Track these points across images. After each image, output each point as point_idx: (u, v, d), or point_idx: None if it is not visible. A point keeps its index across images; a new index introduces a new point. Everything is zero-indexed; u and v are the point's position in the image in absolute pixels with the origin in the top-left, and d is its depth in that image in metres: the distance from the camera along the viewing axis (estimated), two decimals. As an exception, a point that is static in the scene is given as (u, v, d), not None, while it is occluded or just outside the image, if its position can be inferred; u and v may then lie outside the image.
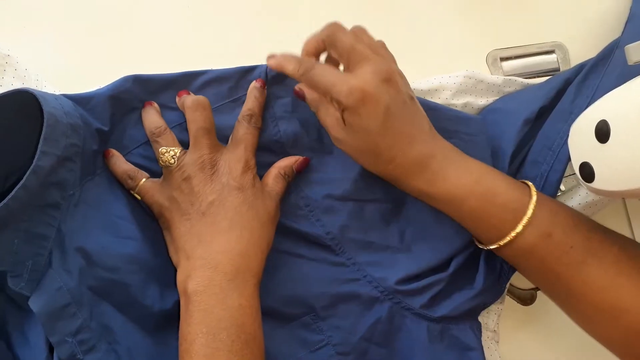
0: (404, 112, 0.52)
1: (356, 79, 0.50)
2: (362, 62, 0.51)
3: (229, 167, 0.54)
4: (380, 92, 0.50)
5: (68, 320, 0.50)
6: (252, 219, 0.53)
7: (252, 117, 0.56)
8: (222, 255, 0.51)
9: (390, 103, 0.50)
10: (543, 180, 0.57)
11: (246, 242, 0.52)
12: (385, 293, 0.57)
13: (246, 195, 0.54)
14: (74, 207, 0.52)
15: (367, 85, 0.50)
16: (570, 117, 0.58)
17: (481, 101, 0.62)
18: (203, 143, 0.55)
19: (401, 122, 0.51)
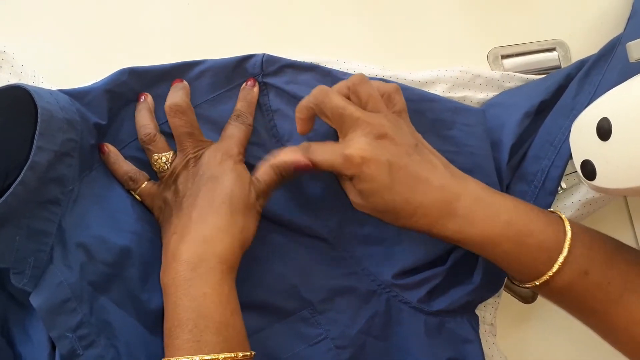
0: (410, 162, 0.51)
1: (349, 148, 0.50)
2: (352, 127, 0.51)
3: (208, 159, 0.54)
4: (376, 152, 0.50)
5: (68, 316, 0.50)
6: (221, 205, 0.52)
7: (239, 116, 0.57)
8: (185, 245, 0.51)
9: (391, 158, 0.50)
10: (544, 175, 0.57)
11: (210, 228, 0.51)
12: (382, 286, 0.57)
13: (220, 183, 0.53)
14: (74, 202, 0.52)
15: (361, 151, 0.50)
16: (572, 113, 0.58)
17: (480, 95, 0.62)
18: (186, 144, 0.55)
19: (409, 173, 0.50)
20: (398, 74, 0.60)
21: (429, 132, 0.57)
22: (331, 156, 0.51)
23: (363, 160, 0.49)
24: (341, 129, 0.52)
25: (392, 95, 0.54)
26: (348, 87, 0.53)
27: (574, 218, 0.61)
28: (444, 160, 0.53)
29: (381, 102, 0.53)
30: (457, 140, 0.57)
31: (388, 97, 0.54)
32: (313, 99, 0.53)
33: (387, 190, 0.50)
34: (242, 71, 0.58)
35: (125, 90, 0.56)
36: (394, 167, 0.50)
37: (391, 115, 0.52)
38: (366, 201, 0.51)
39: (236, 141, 0.56)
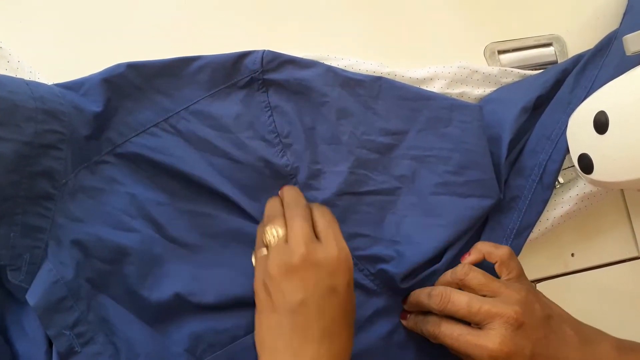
0: (548, 345, 0.51)
1: (492, 342, 0.49)
2: (488, 320, 0.50)
3: (326, 263, 0.49)
4: (519, 345, 0.49)
5: (65, 313, 0.50)
6: (344, 328, 0.50)
7: (316, 206, 0.54)
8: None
9: (533, 349, 0.50)
10: (541, 169, 0.58)
11: (334, 355, 0.49)
12: (381, 286, 0.57)
13: (340, 299, 0.49)
14: (69, 196, 0.52)
15: (504, 346, 0.49)
16: (569, 107, 0.58)
17: (478, 91, 0.62)
18: (299, 234, 0.50)
19: (549, 354, 0.51)
20: (396, 71, 0.60)
21: (426, 129, 0.58)
22: (469, 347, 0.50)
23: (508, 357, 0.49)
24: (476, 322, 0.52)
25: (506, 262, 0.55)
26: (458, 281, 0.54)
27: (572, 212, 0.61)
28: (574, 322, 0.53)
29: (495, 284, 0.53)
30: (453, 137, 0.57)
31: (501, 264, 0.55)
32: (435, 306, 0.53)
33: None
34: (242, 67, 0.58)
35: (124, 83, 0.55)
36: (536, 354, 0.50)
37: (516, 293, 0.52)
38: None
39: (340, 238, 0.52)
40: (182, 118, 0.56)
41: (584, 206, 0.61)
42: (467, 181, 0.57)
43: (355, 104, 0.58)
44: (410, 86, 0.59)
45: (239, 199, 0.56)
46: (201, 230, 0.56)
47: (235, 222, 0.56)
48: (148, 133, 0.56)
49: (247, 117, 0.57)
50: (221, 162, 0.56)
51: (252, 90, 0.58)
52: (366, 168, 0.57)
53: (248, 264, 0.54)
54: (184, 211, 0.56)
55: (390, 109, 0.58)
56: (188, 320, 0.54)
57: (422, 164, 0.58)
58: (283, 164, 0.57)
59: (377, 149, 0.58)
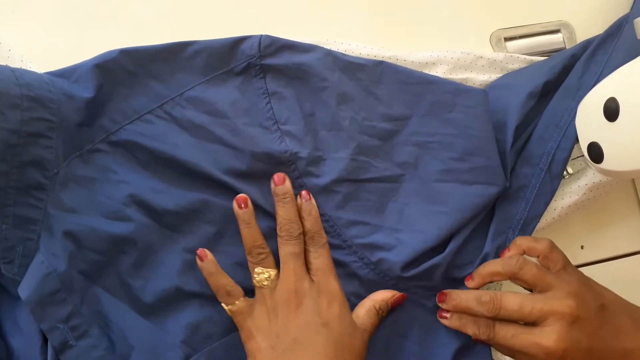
0: (605, 336, 0.51)
1: (548, 339, 0.49)
2: (544, 317, 0.50)
3: (314, 300, 0.52)
4: (576, 340, 0.50)
5: (58, 307, 0.49)
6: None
7: (313, 238, 0.55)
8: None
9: (590, 343, 0.50)
10: (550, 158, 0.56)
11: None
12: (382, 275, 0.56)
13: (332, 333, 0.51)
14: (61, 186, 0.51)
15: (561, 342, 0.49)
16: (578, 94, 0.57)
17: (483, 77, 0.60)
18: (290, 270, 0.53)
19: (607, 350, 0.50)
20: (398, 55, 0.59)
21: (429, 115, 0.56)
22: (526, 345, 0.50)
23: (565, 353, 0.49)
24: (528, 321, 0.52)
25: (549, 255, 0.54)
26: (511, 274, 0.53)
27: (580, 203, 0.59)
28: (629, 307, 0.53)
29: (549, 277, 0.52)
30: (457, 122, 0.56)
31: (544, 258, 0.54)
32: (486, 313, 0.52)
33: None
34: (239, 52, 0.56)
35: (117, 68, 0.54)
36: (594, 352, 0.50)
37: (567, 286, 0.52)
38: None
39: (330, 272, 0.54)
40: (177, 104, 0.55)
41: (594, 196, 0.59)
42: (472, 168, 0.55)
43: (356, 89, 0.57)
44: (412, 70, 0.58)
45: (236, 185, 0.55)
46: (198, 217, 0.55)
47: (232, 209, 0.55)
48: (142, 120, 0.55)
49: (243, 104, 0.56)
50: (217, 149, 0.55)
51: (249, 76, 0.57)
52: (367, 154, 0.56)
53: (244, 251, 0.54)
54: (179, 198, 0.55)
55: (392, 94, 0.57)
56: (184, 310, 0.54)
57: (425, 150, 0.56)
58: (281, 151, 0.55)
59: (379, 135, 0.57)
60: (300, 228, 0.54)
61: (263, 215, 0.55)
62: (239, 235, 0.55)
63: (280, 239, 0.54)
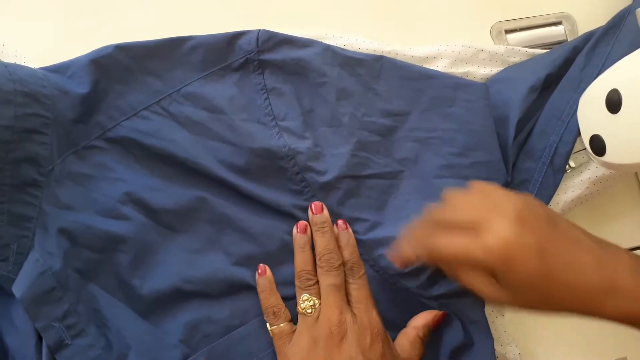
0: (558, 239, 0.44)
1: (489, 236, 0.43)
2: (486, 217, 0.44)
3: (357, 336, 0.51)
4: (521, 237, 0.43)
5: (54, 305, 0.49)
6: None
7: (352, 269, 0.54)
8: None
9: (539, 243, 0.43)
10: (552, 151, 0.56)
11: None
12: (381, 272, 0.55)
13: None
14: (56, 183, 0.51)
15: (504, 239, 0.43)
16: (580, 86, 0.56)
17: (483, 71, 0.60)
18: (333, 302, 0.52)
19: (562, 254, 0.44)
20: (397, 49, 0.58)
21: (429, 110, 0.56)
22: (467, 249, 0.44)
23: (510, 253, 0.43)
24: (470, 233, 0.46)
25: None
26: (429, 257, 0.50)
27: (583, 197, 0.58)
28: (585, 231, 0.47)
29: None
30: (458, 117, 0.56)
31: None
32: (422, 251, 0.49)
33: (541, 279, 0.43)
34: (236, 48, 0.56)
35: (113, 64, 0.54)
36: (543, 251, 0.43)
37: (512, 194, 0.47)
38: (512, 294, 0.45)
39: (371, 304, 0.53)
40: (174, 100, 0.55)
41: (596, 190, 0.58)
42: (473, 163, 0.55)
43: (356, 84, 0.56)
44: (412, 65, 0.57)
45: (234, 181, 0.54)
46: (196, 216, 0.54)
47: (231, 206, 0.55)
48: (139, 116, 0.54)
49: (241, 100, 0.56)
50: (215, 145, 0.55)
51: (247, 72, 0.56)
52: (368, 150, 0.56)
53: (245, 249, 0.54)
54: (178, 196, 0.54)
55: (392, 89, 0.56)
56: (182, 310, 0.53)
57: (426, 146, 0.56)
58: (280, 145, 0.55)
59: (379, 131, 0.56)
60: (340, 259, 0.53)
61: (263, 211, 0.55)
62: (238, 234, 0.54)
63: (320, 269, 0.53)
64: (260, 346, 0.53)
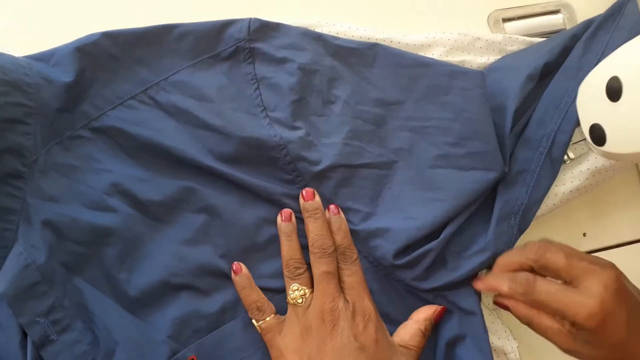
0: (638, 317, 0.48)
1: (592, 299, 0.47)
2: (586, 276, 0.48)
3: (349, 322, 0.51)
4: (618, 308, 0.47)
5: (38, 300, 0.48)
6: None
7: (344, 253, 0.53)
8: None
9: (629, 313, 0.47)
10: (550, 141, 0.54)
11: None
12: (375, 264, 0.55)
13: (368, 357, 0.50)
14: (40, 174, 0.50)
15: (605, 304, 0.46)
16: (579, 75, 0.55)
17: (480, 59, 0.58)
18: (325, 289, 0.51)
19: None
20: (392, 37, 0.57)
21: (424, 98, 0.55)
22: (568, 302, 0.47)
23: (605, 316, 0.46)
24: (569, 279, 0.49)
25: (547, 256, 0.51)
26: (535, 261, 0.51)
27: (582, 188, 0.57)
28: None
29: (582, 262, 0.49)
30: (454, 106, 0.54)
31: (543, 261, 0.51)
32: (533, 255, 0.50)
33: (619, 344, 0.47)
34: (227, 36, 0.55)
35: (98, 52, 0.53)
36: (632, 321, 0.47)
37: (607, 263, 0.50)
38: (588, 350, 0.49)
39: (364, 290, 0.53)
40: (162, 89, 0.54)
41: (596, 182, 0.57)
42: (469, 153, 0.54)
43: (348, 74, 0.55)
44: (407, 52, 0.56)
45: (224, 170, 0.53)
46: (184, 207, 0.54)
47: (220, 196, 0.54)
48: (125, 106, 0.54)
49: (230, 90, 0.55)
50: (204, 134, 0.54)
51: (237, 62, 0.55)
52: (361, 140, 0.55)
53: (234, 241, 0.53)
54: (165, 187, 0.53)
55: (386, 78, 0.55)
56: (171, 304, 0.53)
57: (420, 135, 0.55)
58: (271, 135, 0.53)
59: (373, 120, 0.55)
60: (333, 245, 0.53)
61: (253, 201, 0.54)
62: (227, 226, 0.53)
63: (313, 255, 0.52)
64: (250, 341, 0.53)
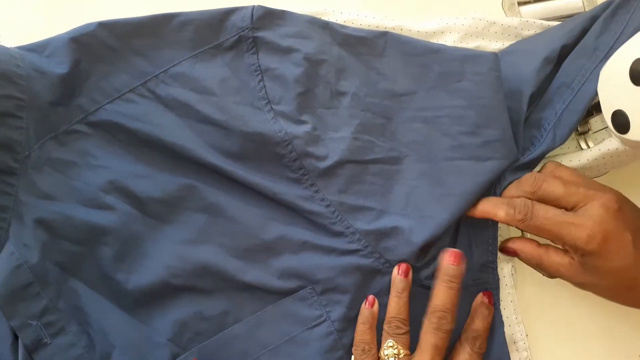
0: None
1: (591, 220, 0.46)
2: (585, 201, 0.48)
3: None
4: (620, 227, 0.46)
5: (31, 302, 0.48)
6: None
7: (477, 340, 0.50)
8: None
9: (634, 232, 0.47)
10: (556, 119, 0.52)
11: None
12: (387, 265, 0.52)
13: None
14: (34, 170, 0.49)
15: (605, 225, 0.46)
16: (594, 54, 0.52)
17: (495, 45, 0.56)
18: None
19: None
20: (403, 25, 0.55)
21: (436, 87, 0.53)
22: (567, 225, 0.47)
23: (607, 235, 0.46)
24: (569, 206, 0.49)
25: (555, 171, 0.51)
26: (533, 193, 0.50)
27: (589, 168, 0.54)
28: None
29: (582, 188, 0.49)
30: (467, 92, 0.52)
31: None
32: (529, 188, 0.50)
33: (627, 267, 0.47)
34: (229, 25, 0.53)
35: (95, 43, 0.52)
36: (638, 241, 0.47)
37: (608, 189, 0.49)
38: (597, 278, 0.48)
39: None
40: (162, 82, 0.53)
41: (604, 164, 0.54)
42: (485, 142, 0.51)
43: (357, 64, 0.53)
44: (418, 40, 0.54)
45: (227, 167, 0.52)
46: (185, 205, 0.52)
47: (222, 194, 0.52)
48: (123, 99, 0.52)
49: (234, 83, 0.53)
50: (205, 129, 0.52)
51: (240, 52, 0.54)
52: (371, 134, 0.53)
53: (238, 241, 0.52)
54: (165, 184, 0.52)
55: (396, 68, 0.53)
56: (172, 306, 0.52)
57: (434, 126, 0.53)
58: (275, 130, 0.52)
59: (383, 113, 0.53)
60: (453, 324, 0.49)
61: (257, 199, 0.52)
62: (232, 224, 0.52)
63: (428, 322, 0.49)
64: (256, 345, 0.51)
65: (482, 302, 0.52)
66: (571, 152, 0.55)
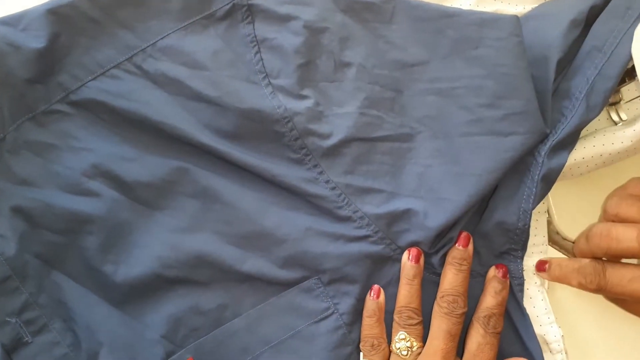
0: None
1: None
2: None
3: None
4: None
5: (8, 297, 0.47)
6: None
7: (490, 319, 0.48)
8: None
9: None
10: (588, 86, 0.48)
11: None
12: (399, 252, 0.50)
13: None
14: (9, 153, 0.48)
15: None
16: (627, 13, 0.48)
17: (515, 9, 0.53)
18: (438, 349, 0.47)
19: None
20: (413, -12, 0.53)
21: (451, 55, 0.49)
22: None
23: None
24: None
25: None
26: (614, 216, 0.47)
27: (632, 150, 0.50)
28: None
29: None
30: (486, 60, 0.49)
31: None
32: (596, 249, 0.47)
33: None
34: None
35: (76, 15, 0.49)
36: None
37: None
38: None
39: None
40: (149, 56, 0.50)
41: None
42: (507, 115, 0.48)
43: (363, 32, 0.50)
44: (430, 3, 0.51)
45: (220, 148, 0.49)
46: (177, 189, 0.50)
47: (217, 178, 0.50)
48: (108, 76, 0.50)
49: (227, 55, 0.50)
50: (197, 106, 0.50)
51: (234, 22, 0.51)
52: (379, 108, 0.50)
53: (236, 227, 0.50)
54: (154, 167, 0.50)
55: (406, 35, 0.50)
56: (165, 299, 0.50)
57: (449, 98, 0.49)
58: (274, 106, 0.49)
59: (392, 86, 0.50)
60: (465, 307, 0.48)
61: (255, 182, 0.50)
62: (228, 210, 0.50)
63: (438, 308, 0.48)
64: (257, 341, 0.49)
65: (495, 275, 0.49)
66: (605, 126, 0.51)
